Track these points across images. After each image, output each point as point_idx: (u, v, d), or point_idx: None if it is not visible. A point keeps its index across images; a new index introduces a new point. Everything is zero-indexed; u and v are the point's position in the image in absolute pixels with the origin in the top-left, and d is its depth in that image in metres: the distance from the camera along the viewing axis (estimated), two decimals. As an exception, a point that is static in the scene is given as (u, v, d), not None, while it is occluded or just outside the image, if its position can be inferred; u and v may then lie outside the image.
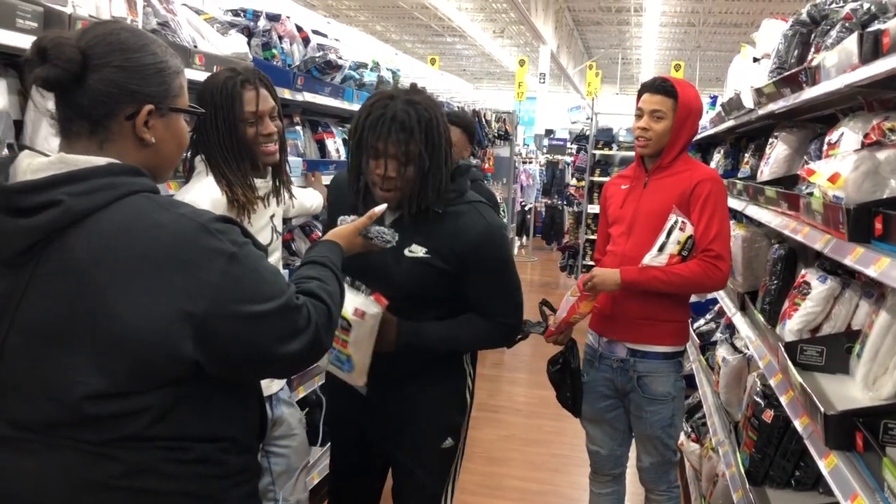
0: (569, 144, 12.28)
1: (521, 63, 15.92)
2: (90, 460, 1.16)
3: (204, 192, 2.10)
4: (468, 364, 2.25)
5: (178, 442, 1.20)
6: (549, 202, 12.56)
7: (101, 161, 1.18)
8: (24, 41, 1.73)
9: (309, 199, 2.89)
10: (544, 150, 14.15)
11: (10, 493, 1.19)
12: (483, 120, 7.00)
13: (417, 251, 1.99)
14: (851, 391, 1.94)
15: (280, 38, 3.22)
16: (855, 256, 1.69)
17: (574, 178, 10.66)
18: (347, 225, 1.77)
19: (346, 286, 1.88)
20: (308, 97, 3.28)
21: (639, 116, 2.57)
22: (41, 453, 1.17)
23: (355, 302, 1.91)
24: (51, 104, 1.23)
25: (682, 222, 2.45)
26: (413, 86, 2.03)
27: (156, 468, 1.18)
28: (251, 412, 1.36)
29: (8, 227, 1.14)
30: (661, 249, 2.46)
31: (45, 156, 1.19)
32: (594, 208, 9.47)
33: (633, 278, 2.46)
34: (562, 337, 2.65)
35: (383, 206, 1.83)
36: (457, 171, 2.06)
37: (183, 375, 1.17)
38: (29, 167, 1.18)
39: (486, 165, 7.31)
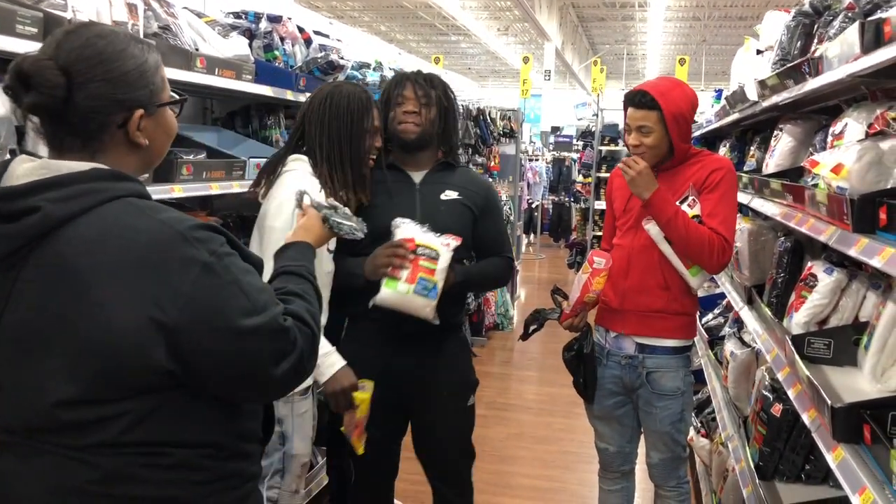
0: (575, 141, 12.28)
1: (526, 60, 15.85)
2: (69, 465, 1.15)
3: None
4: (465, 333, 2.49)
5: (156, 448, 1.17)
6: (555, 199, 12.56)
7: (84, 166, 1.17)
8: (24, 47, 1.74)
9: None
10: (550, 148, 14.14)
11: (5, 496, 1.20)
12: (488, 118, 6.98)
13: (451, 195, 2.39)
14: (859, 383, 1.93)
15: (282, 39, 3.23)
16: (860, 247, 1.68)
17: (581, 175, 10.67)
18: (311, 218, 1.72)
19: (421, 229, 2.22)
20: (311, 98, 3.28)
21: (628, 132, 2.49)
22: (28, 457, 1.17)
23: (439, 238, 2.22)
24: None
25: (694, 200, 2.43)
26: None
27: (133, 474, 1.16)
28: (245, 418, 1.32)
29: None
30: None
31: (37, 159, 1.19)
32: (601, 205, 9.48)
33: (663, 199, 2.37)
34: (577, 320, 2.62)
35: (343, 208, 1.81)
36: None
37: (158, 384, 1.15)
38: (15, 172, 1.17)
39: (492, 164, 7.28)
